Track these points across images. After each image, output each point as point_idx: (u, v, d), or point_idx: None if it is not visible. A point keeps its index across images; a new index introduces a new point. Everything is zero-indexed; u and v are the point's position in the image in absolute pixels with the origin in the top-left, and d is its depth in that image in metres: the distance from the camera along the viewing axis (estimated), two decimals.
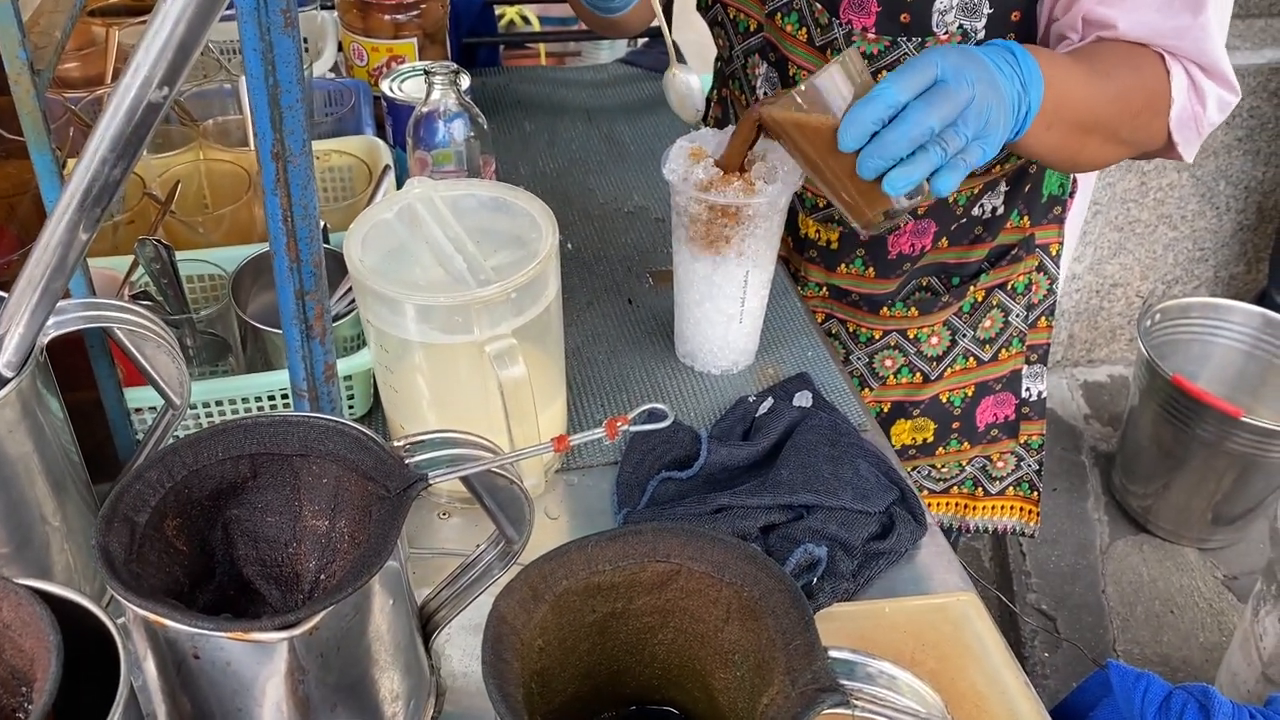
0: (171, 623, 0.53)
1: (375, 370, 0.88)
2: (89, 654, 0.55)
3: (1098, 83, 0.92)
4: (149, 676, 0.59)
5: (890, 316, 1.17)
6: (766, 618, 0.56)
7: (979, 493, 1.28)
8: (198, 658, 0.55)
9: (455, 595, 0.70)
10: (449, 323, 0.79)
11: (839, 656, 0.53)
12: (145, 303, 0.91)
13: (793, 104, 0.84)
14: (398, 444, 0.63)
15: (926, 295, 1.17)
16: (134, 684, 0.55)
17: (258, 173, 1.08)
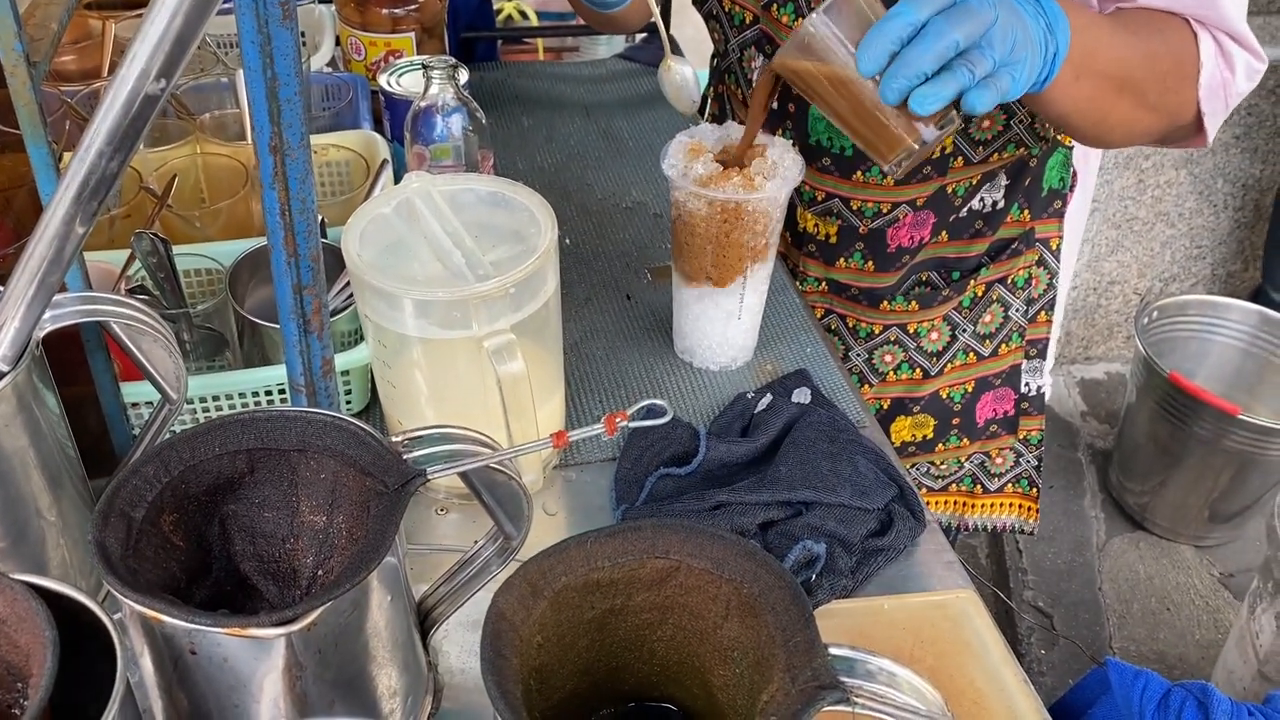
0: (168, 618, 0.53)
1: (373, 365, 0.88)
2: (85, 650, 0.55)
3: (1125, 38, 0.89)
4: (145, 672, 0.59)
5: (890, 311, 1.17)
6: (766, 614, 0.56)
7: (978, 490, 1.28)
8: (194, 653, 0.55)
9: (453, 591, 0.70)
10: (447, 318, 0.78)
11: (839, 654, 0.53)
12: (142, 297, 0.91)
13: (804, 37, 0.80)
14: (396, 439, 0.62)
15: (926, 290, 1.17)
16: (130, 680, 0.54)
17: (255, 167, 1.08)
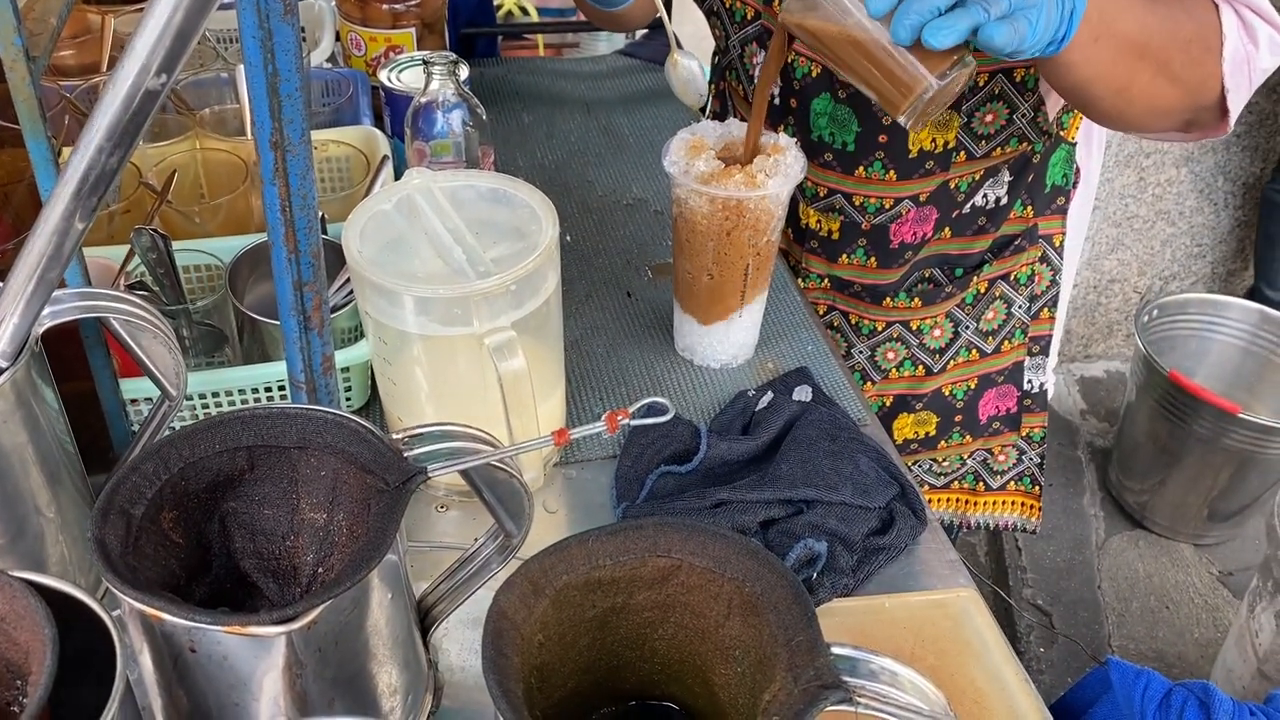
0: (168, 616, 0.53)
1: (373, 362, 0.88)
2: (85, 647, 0.55)
3: (1145, 2, 0.86)
4: (145, 670, 0.59)
5: (893, 307, 1.17)
6: (768, 613, 0.55)
7: (980, 487, 1.28)
8: (194, 651, 0.55)
9: (453, 589, 0.69)
10: (448, 315, 0.78)
11: (841, 653, 0.53)
12: (141, 293, 0.91)
13: None
14: (396, 437, 0.62)
15: (929, 286, 1.17)
16: (130, 677, 0.54)
17: (255, 162, 1.07)
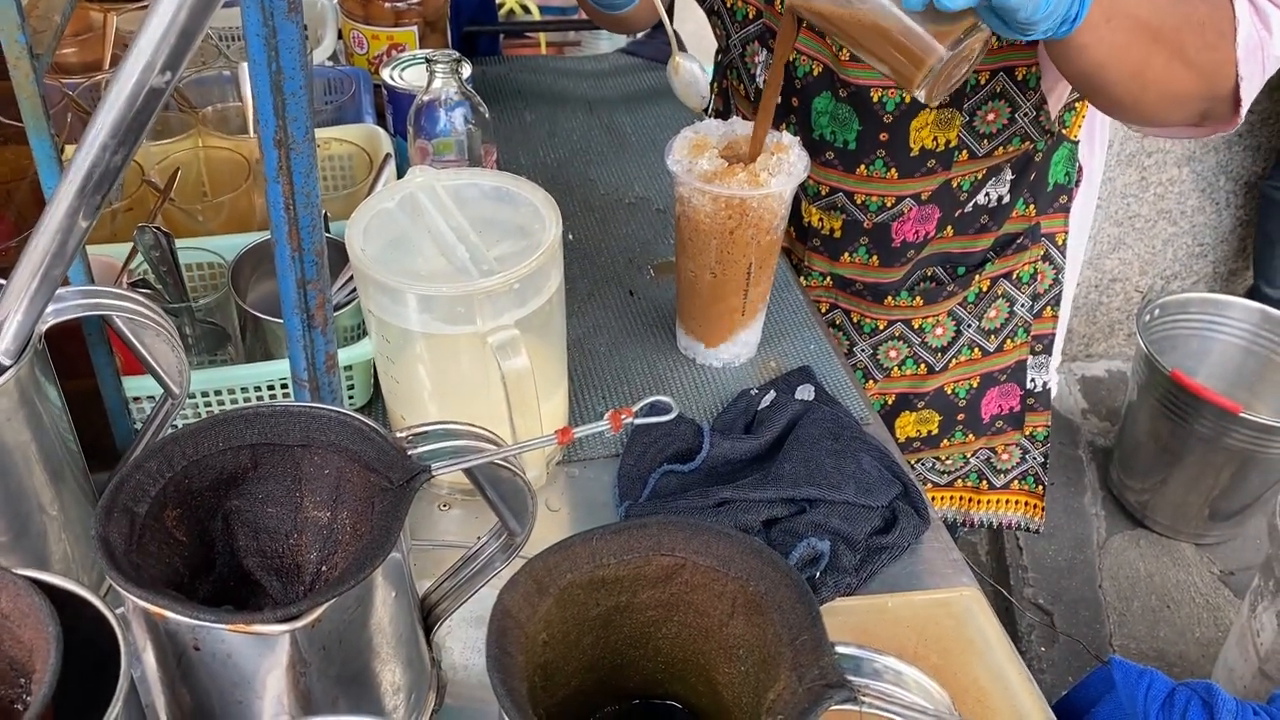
0: (172, 614, 0.53)
1: (376, 361, 0.88)
2: (88, 646, 0.54)
3: None
4: (148, 668, 0.59)
5: (895, 306, 1.17)
6: (772, 612, 0.55)
7: (983, 486, 1.28)
8: (198, 649, 0.55)
9: (456, 588, 0.69)
10: (451, 313, 0.78)
11: (845, 652, 0.53)
12: (144, 291, 0.91)
13: None
14: (400, 435, 0.62)
15: (931, 285, 1.17)
16: (133, 675, 0.54)
17: (257, 160, 1.07)
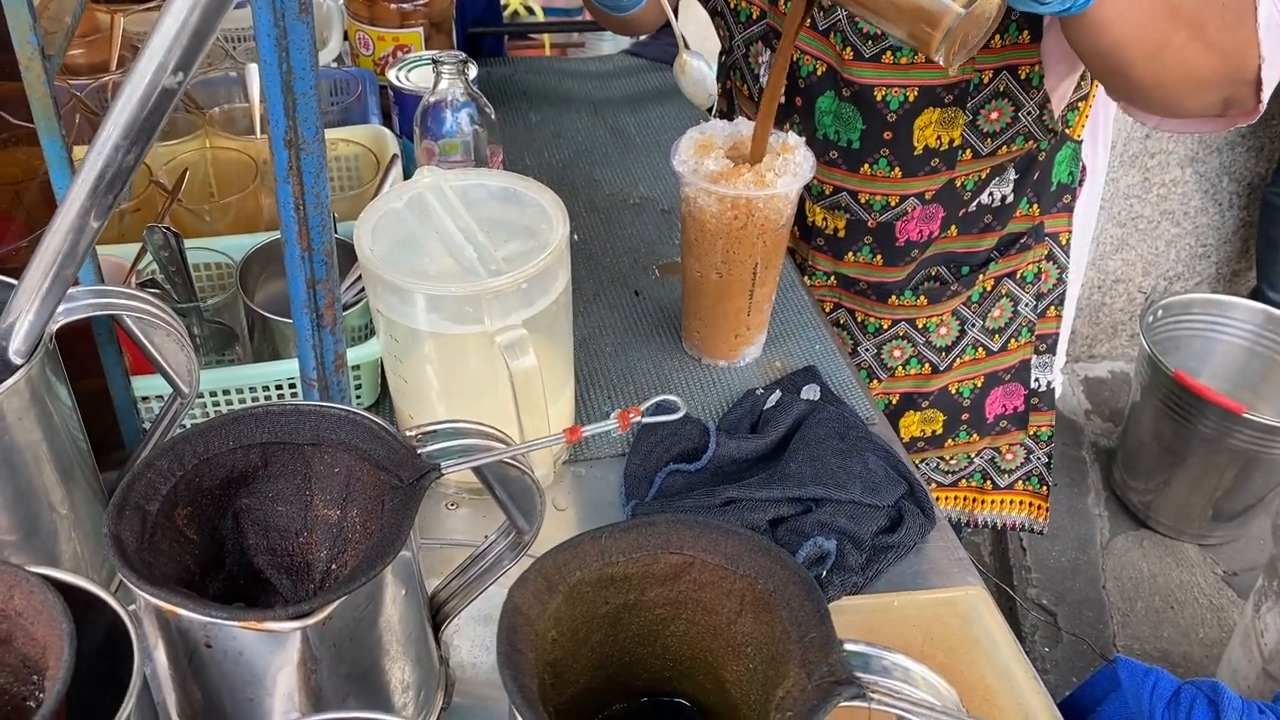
0: (184, 612, 0.53)
1: (384, 360, 0.88)
2: (100, 643, 0.55)
3: None
4: (159, 665, 0.59)
5: (899, 305, 1.17)
6: (780, 610, 0.56)
7: (988, 485, 1.28)
8: (210, 647, 0.55)
9: (465, 586, 0.70)
10: (459, 313, 0.78)
11: (854, 649, 0.53)
12: (153, 291, 0.91)
13: None
14: (409, 434, 0.62)
15: (935, 284, 1.17)
16: (145, 673, 0.54)
17: (264, 161, 1.07)
